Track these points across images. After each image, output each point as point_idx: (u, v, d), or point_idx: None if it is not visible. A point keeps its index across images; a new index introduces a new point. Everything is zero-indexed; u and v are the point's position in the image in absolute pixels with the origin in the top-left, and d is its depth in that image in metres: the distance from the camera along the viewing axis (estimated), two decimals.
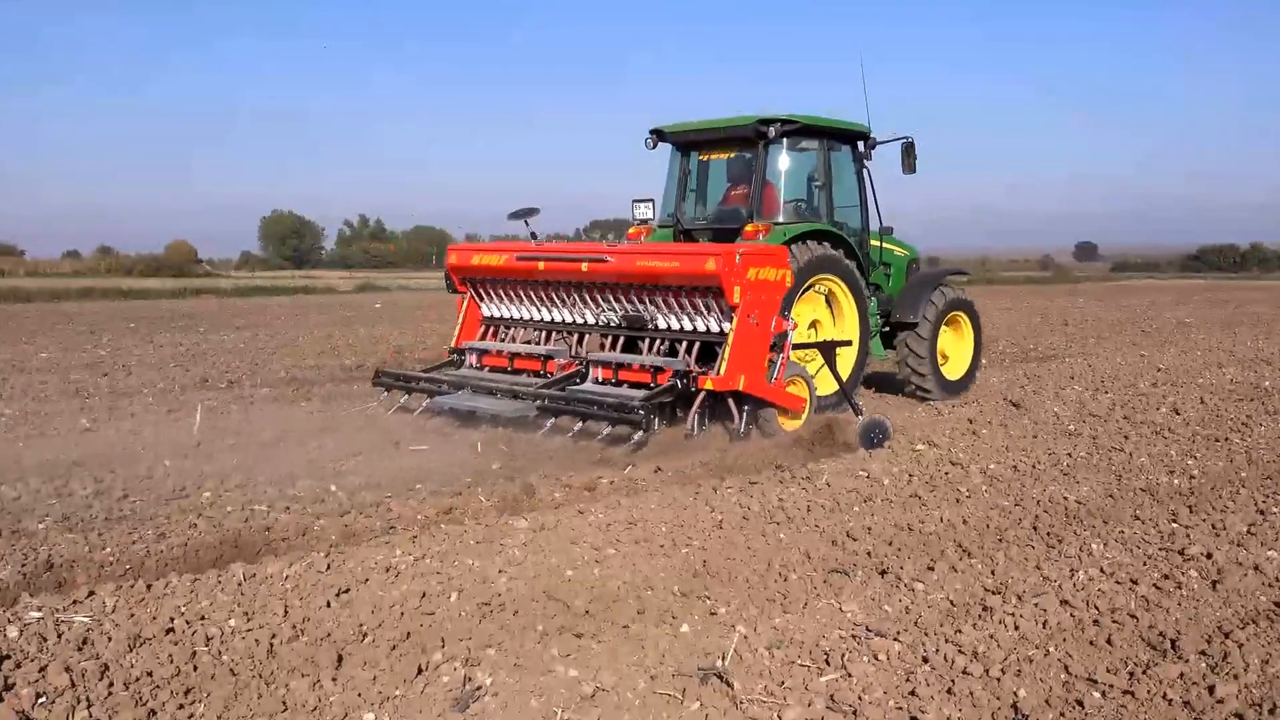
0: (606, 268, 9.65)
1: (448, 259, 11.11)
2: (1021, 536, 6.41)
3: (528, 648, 4.65)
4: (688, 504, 6.97)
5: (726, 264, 8.64)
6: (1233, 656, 4.51)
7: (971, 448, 8.92)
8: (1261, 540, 6.27)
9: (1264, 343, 19.44)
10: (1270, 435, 9.62)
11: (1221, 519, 6.73)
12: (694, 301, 9.27)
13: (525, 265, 10.18)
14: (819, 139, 11.22)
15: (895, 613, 5.11)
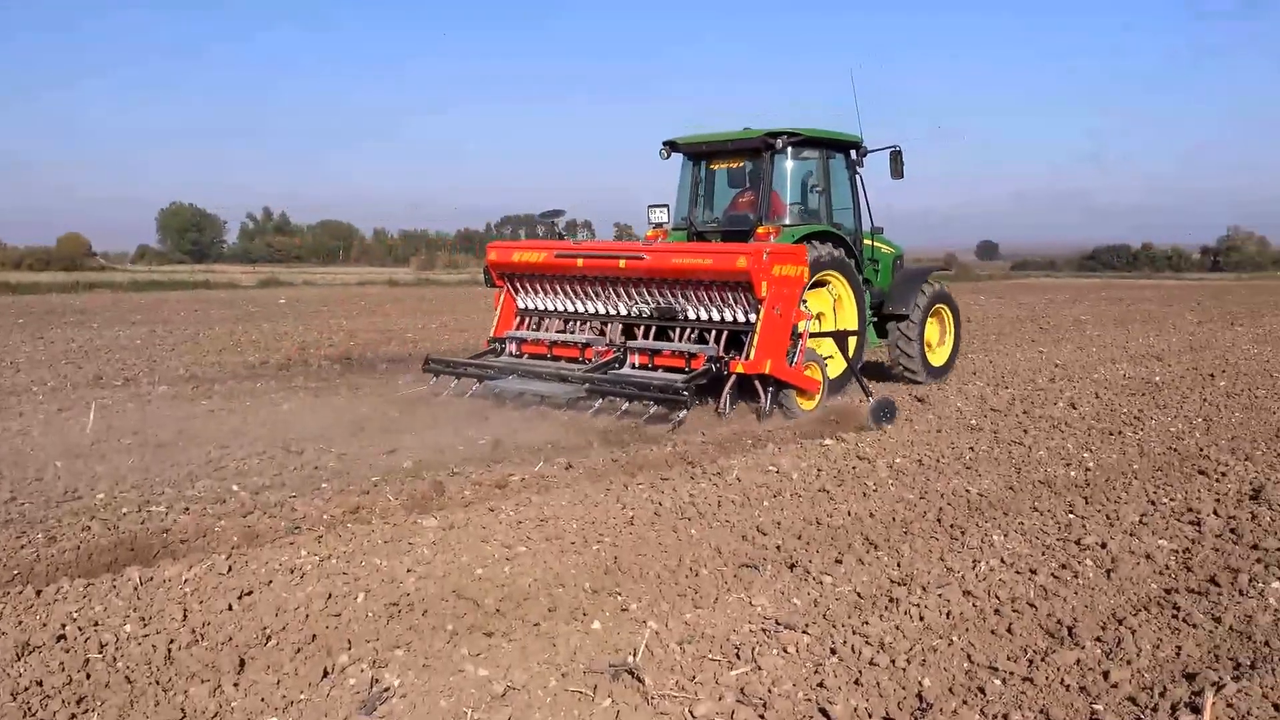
0: (642, 264, 10.58)
1: (487, 256, 11.96)
2: (926, 529, 6.54)
3: (437, 647, 4.63)
4: (599, 501, 6.99)
5: (755, 261, 9.64)
6: (1126, 642, 4.66)
7: (878, 442, 9.07)
8: (1153, 530, 6.48)
9: (1154, 339, 20.08)
10: (1160, 429, 9.94)
11: (1115, 509, 6.94)
12: (723, 295, 10.22)
13: (564, 261, 11.12)
14: (818, 149, 12.23)
15: (804, 606, 5.18)
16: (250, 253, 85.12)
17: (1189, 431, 9.83)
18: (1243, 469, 8.16)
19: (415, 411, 10.50)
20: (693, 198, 12.65)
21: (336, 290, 37.61)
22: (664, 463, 8.20)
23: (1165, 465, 8.41)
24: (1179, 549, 6.12)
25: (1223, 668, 4.43)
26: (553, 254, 11.29)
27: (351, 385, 12.50)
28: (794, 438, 9.25)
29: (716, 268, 10.06)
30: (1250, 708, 3.97)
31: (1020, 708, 4.06)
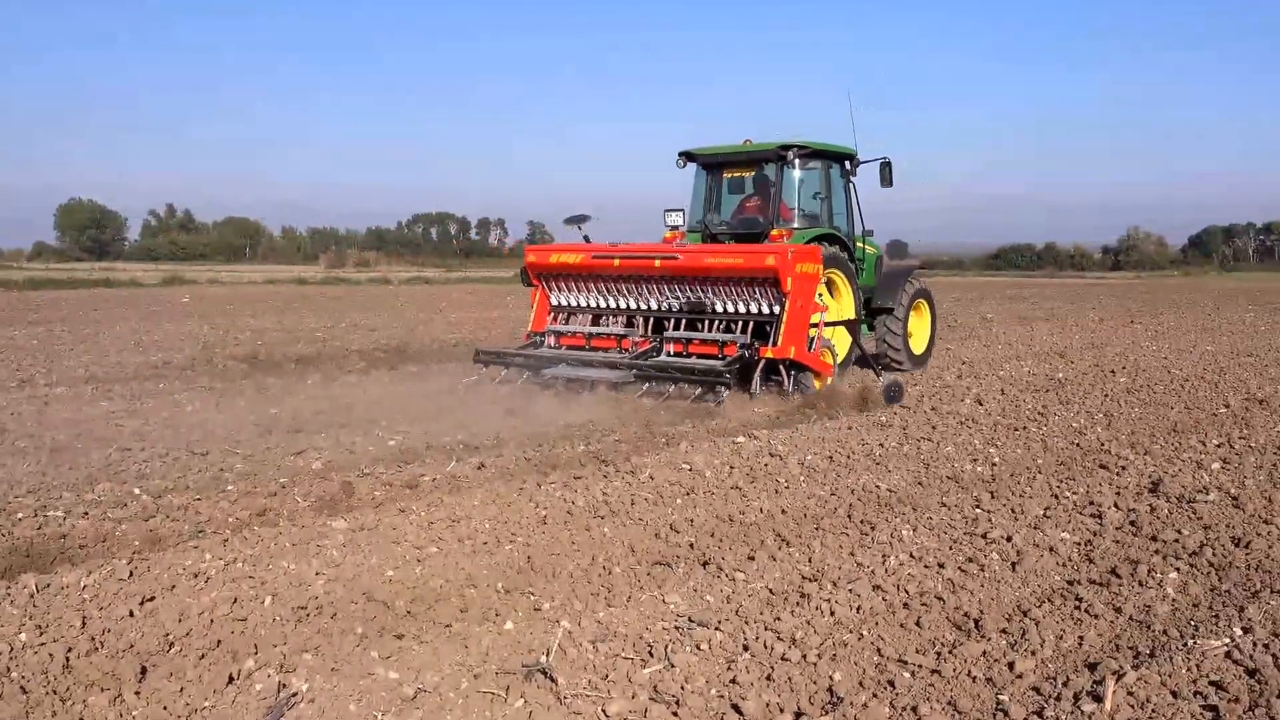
0: (676, 264, 11.70)
1: (526, 258, 13.00)
2: (837, 524, 6.61)
3: (346, 651, 4.57)
4: (511, 500, 6.95)
5: (782, 260, 10.88)
6: (1030, 633, 4.77)
7: (790, 439, 9.15)
8: (1056, 523, 6.63)
9: (1057, 337, 20.58)
10: (1063, 424, 10.17)
11: (1020, 503, 7.08)
12: (750, 290, 11.37)
13: (601, 262, 12.22)
14: (821, 160, 13.54)
15: (717, 602, 5.21)
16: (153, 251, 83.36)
17: (1091, 427, 10.07)
18: (1142, 463, 8.38)
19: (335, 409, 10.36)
20: (706, 203, 13.91)
21: (243, 289, 36.97)
22: (577, 461, 8.19)
23: (1068, 460, 8.61)
24: (1081, 541, 6.27)
25: (1123, 657, 4.54)
26: (590, 256, 12.35)
27: (259, 385, 12.30)
28: (707, 435, 9.30)
29: (747, 266, 11.27)
30: (1149, 695, 4.08)
31: (929, 699, 4.13)
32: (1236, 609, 5.10)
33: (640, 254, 12.09)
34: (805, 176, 13.42)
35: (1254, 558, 5.93)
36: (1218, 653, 4.50)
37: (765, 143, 13.20)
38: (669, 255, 11.85)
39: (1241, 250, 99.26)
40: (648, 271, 11.96)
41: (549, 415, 10.20)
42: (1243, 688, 4.16)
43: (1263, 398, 11.98)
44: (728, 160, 13.72)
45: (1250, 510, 6.95)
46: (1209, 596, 5.35)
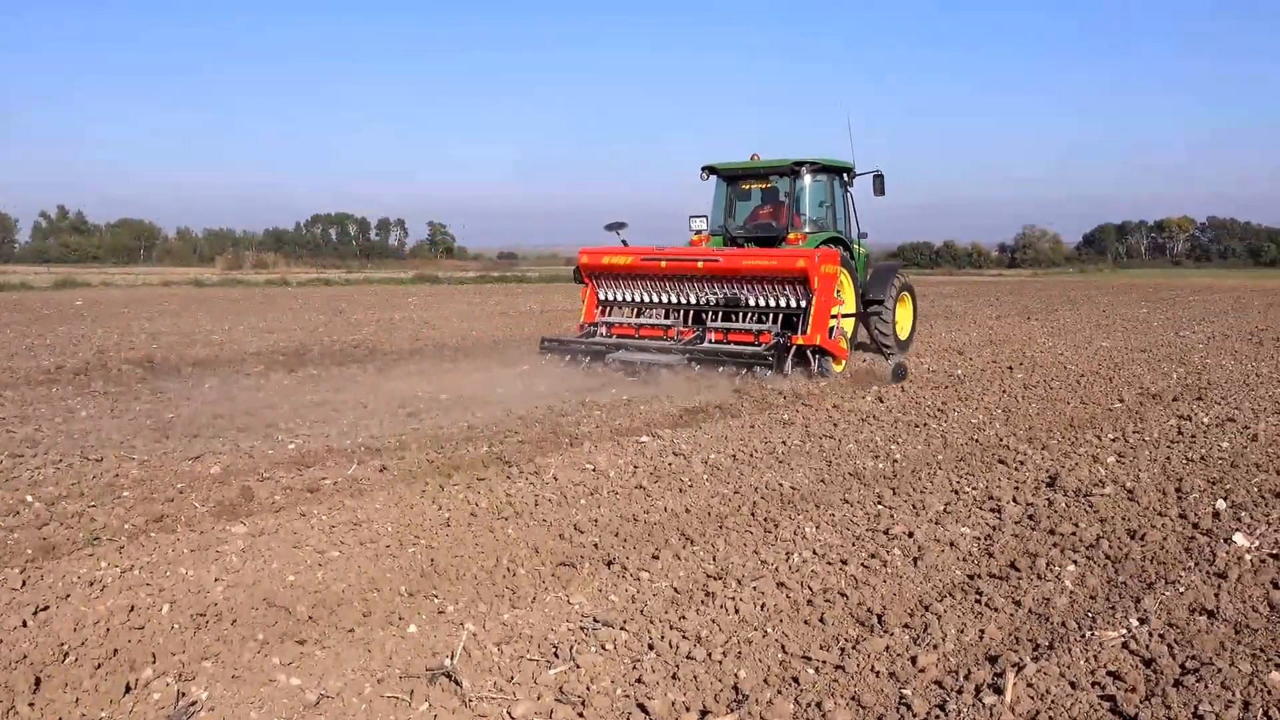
0: (718, 265, 13.56)
1: (580, 259, 14.79)
2: (741, 523, 6.66)
3: (247, 658, 4.48)
4: (414, 502, 6.88)
5: (810, 262, 12.75)
6: (932, 628, 4.85)
7: (693, 438, 9.20)
8: (956, 518, 6.75)
9: (956, 334, 20.97)
10: (962, 420, 10.37)
11: (921, 499, 7.20)
12: (780, 287, 13.15)
13: (649, 264, 14.06)
14: (826, 173, 15.48)
15: (622, 602, 5.21)
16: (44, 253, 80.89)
17: (989, 422, 10.28)
18: (1040, 457, 8.58)
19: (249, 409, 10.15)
20: (727, 210, 15.89)
21: (138, 291, 36.03)
22: (480, 463, 8.13)
23: (967, 455, 8.78)
24: (981, 536, 6.40)
25: (1023, 649, 4.64)
26: (639, 258, 14.19)
27: (154, 390, 12.01)
28: (611, 435, 9.30)
29: (781, 267, 13.08)
30: (1049, 686, 4.17)
31: (833, 695, 4.17)
32: (1133, 600, 5.24)
33: (685, 257, 14.03)
34: (814, 188, 15.44)
35: (1149, 550, 6.10)
36: (1115, 643, 4.62)
37: (779, 159, 15.28)
38: (711, 258, 13.72)
39: (1134, 247, 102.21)
40: (690, 271, 13.82)
41: (450, 417, 10.12)
42: (1139, 677, 4.28)
43: (1156, 392, 12.34)
44: (746, 174, 15.75)
45: (1145, 503, 7.15)
46: (1106, 588, 5.50)
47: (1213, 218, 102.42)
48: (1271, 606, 5.18)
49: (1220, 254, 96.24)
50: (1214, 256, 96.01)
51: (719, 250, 14.34)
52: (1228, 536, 6.30)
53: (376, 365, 14.85)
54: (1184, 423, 10.19)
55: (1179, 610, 5.08)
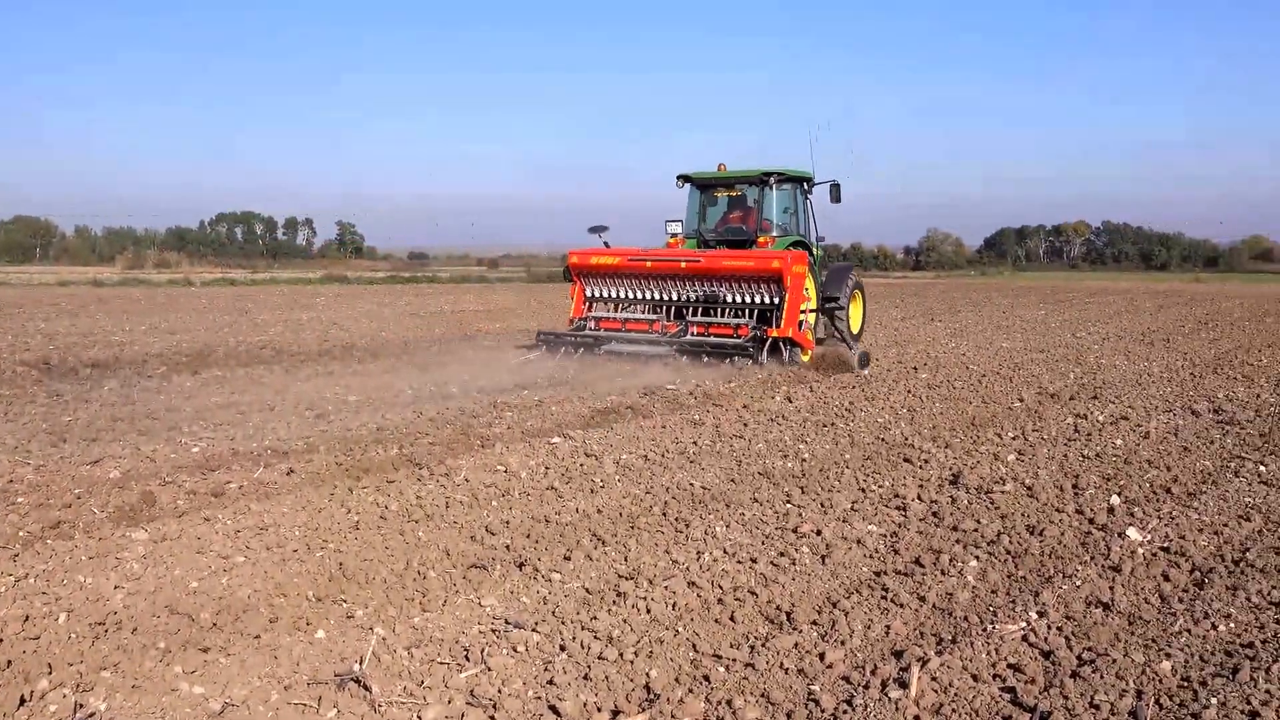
0: (699, 265, 14.90)
1: (570, 259, 16.05)
2: (652, 523, 6.67)
3: (148, 667, 4.38)
4: (322, 506, 6.78)
5: (783, 262, 14.21)
6: (840, 624, 4.91)
7: (605, 439, 9.20)
8: (863, 516, 6.85)
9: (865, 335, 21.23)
10: (869, 420, 10.52)
11: (829, 498, 7.29)
12: (756, 285, 14.52)
13: (635, 264, 15.33)
14: (791, 182, 16.82)
15: (533, 604, 5.19)
16: None
17: (895, 422, 10.45)
18: (943, 456, 8.74)
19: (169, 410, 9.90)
20: (700, 216, 17.09)
21: (34, 291, 35.01)
22: (390, 465, 8.04)
23: (874, 454, 8.90)
24: (887, 533, 6.50)
25: (927, 643, 4.72)
26: (626, 259, 15.43)
27: (51, 392, 11.67)
28: (522, 436, 9.26)
29: (757, 267, 14.48)
30: (952, 680, 4.25)
31: (743, 693, 4.21)
32: (1032, 594, 5.37)
33: (669, 257, 15.33)
34: (779, 196, 16.69)
35: (1047, 545, 6.25)
36: (1015, 636, 4.73)
37: (748, 170, 16.61)
38: (693, 259, 15.06)
39: (1033, 251, 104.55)
40: (674, 271, 15.08)
41: (359, 419, 10.00)
42: (1038, 669, 4.39)
43: (1054, 392, 12.65)
44: (718, 182, 17.09)
45: (1044, 499, 7.32)
46: (1006, 583, 5.62)
47: (1107, 222, 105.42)
48: (1162, 598, 5.35)
49: (1114, 257, 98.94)
50: (1108, 260, 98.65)
51: (700, 252, 15.66)
52: (1121, 531, 6.49)
53: (283, 366, 14.63)
54: (1080, 421, 10.46)
55: (1076, 603, 5.21)
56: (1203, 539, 6.38)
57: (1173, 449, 9.15)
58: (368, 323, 23.40)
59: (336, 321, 23.41)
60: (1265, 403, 11.87)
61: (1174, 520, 6.77)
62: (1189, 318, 27.83)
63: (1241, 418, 10.75)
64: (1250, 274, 79.35)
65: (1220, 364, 15.98)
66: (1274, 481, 7.90)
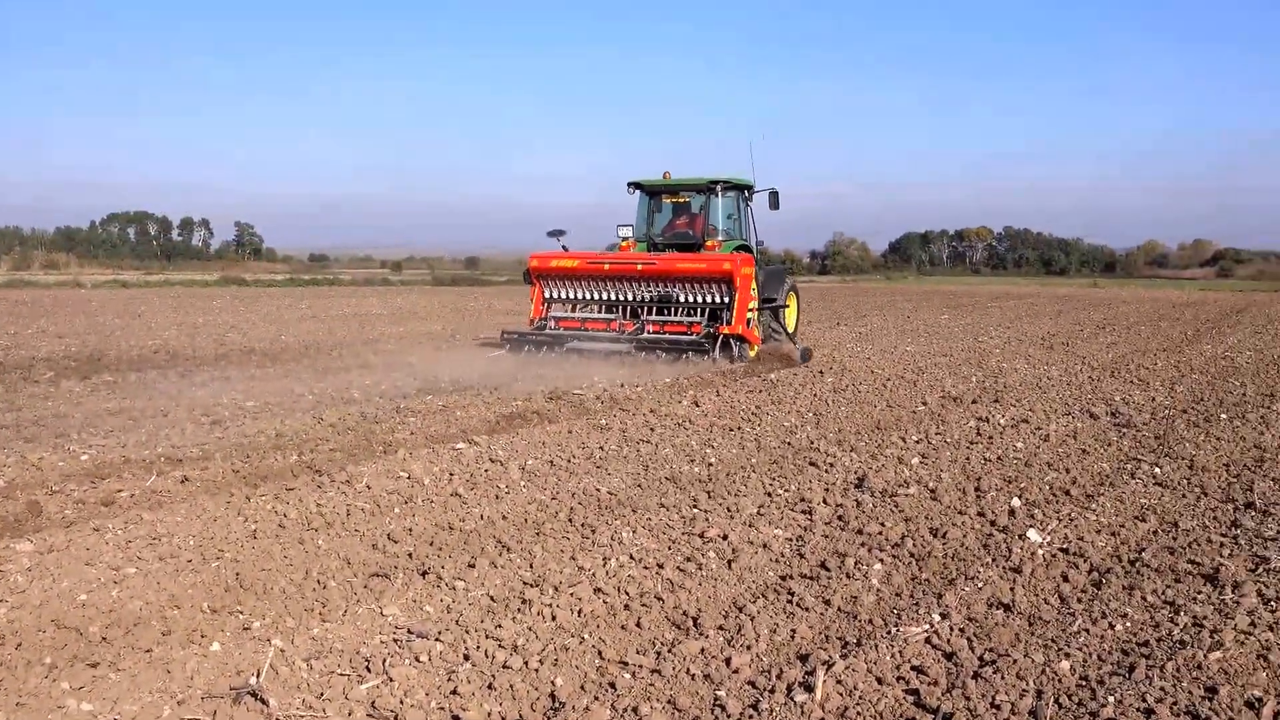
0: (654, 268, 15.95)
1: (530, 263, 16.88)
2: (558, 529, 6.66)
3: (33, 684, 4.25)
4: (218, 515, 6.65)
5: (734, 265, 15.43)
6: (746, 629, 4.95)
7: (510, 445, 9.16)
8: (769, 520, 6.91)
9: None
10: (775, 423, 10.62)
11: (736, 502, 7.34)
12: (707, 286, 15.76)
13: (593, 266, 16.37)
14: (734, 190, 18.11)
15: (437, 613, 5.15)
16: None
17: (801, 425, 10.56)
18: (849, 459, 8.86)
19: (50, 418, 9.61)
20: (649, 221, 18.37)
21: None
22: (289, 472, 7.91)
23: (780, 458, 8.99)
24: (793, 537, 6.56)
25: (832, 647, 4.78)
26: (585, 261, 16.50)
27: None
28: (426, 442, 9.18)
29: (709, 269, 15.64)
30: (857, 683, 4.31)
31: (649, 699, 4.22)
32: (935, 596, 5.46)
33: (626, 261, 16.28)
34: (724, 202, 17.99)
35: (950, 547, 6.37)
36: (919, 639, 4.81)
37: (695, 177, 17.90)
38: (649, 262, 16.06)
39: (937, 255, 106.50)
40: (630, 273, 16.09)
41: (257, 425, 9.83)
42: (941, 671, 4.47)
43: (957, 395, 12.89)
44: (666, 189, 18.25)
45: (946, 502, 7.46)
46: (910, 585, 5.72)
47: (1008, 228, 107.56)
48: (1061, 599, 5.48)
49: (1015, 262, 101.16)
50: (1009, 265, 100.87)
51: (655, 255, 16.86)
52: (1022, 533, 6.63)
53: (178, 371, 14.33)
54: (982, 424, 10.68)
55: (978, 605, 5.32)
56: (1100, 540, 6.56)
57: (1072, 451, 9.39)
58: (266, 326, 23.01)
59: (234, 325, 22.99)
60: (1160, 405, 12.24)
61: (1073, 522, 6.94)
62: (1087, 322, 28.58)
63: (1137, 420, 11.07)
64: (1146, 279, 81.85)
65: (1117, 368, 16.45)
66: (1168, 483, 8.15)
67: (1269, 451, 9.46)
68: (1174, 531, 6.80)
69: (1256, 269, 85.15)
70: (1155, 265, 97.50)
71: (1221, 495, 7.79)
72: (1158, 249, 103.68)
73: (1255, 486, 8.01)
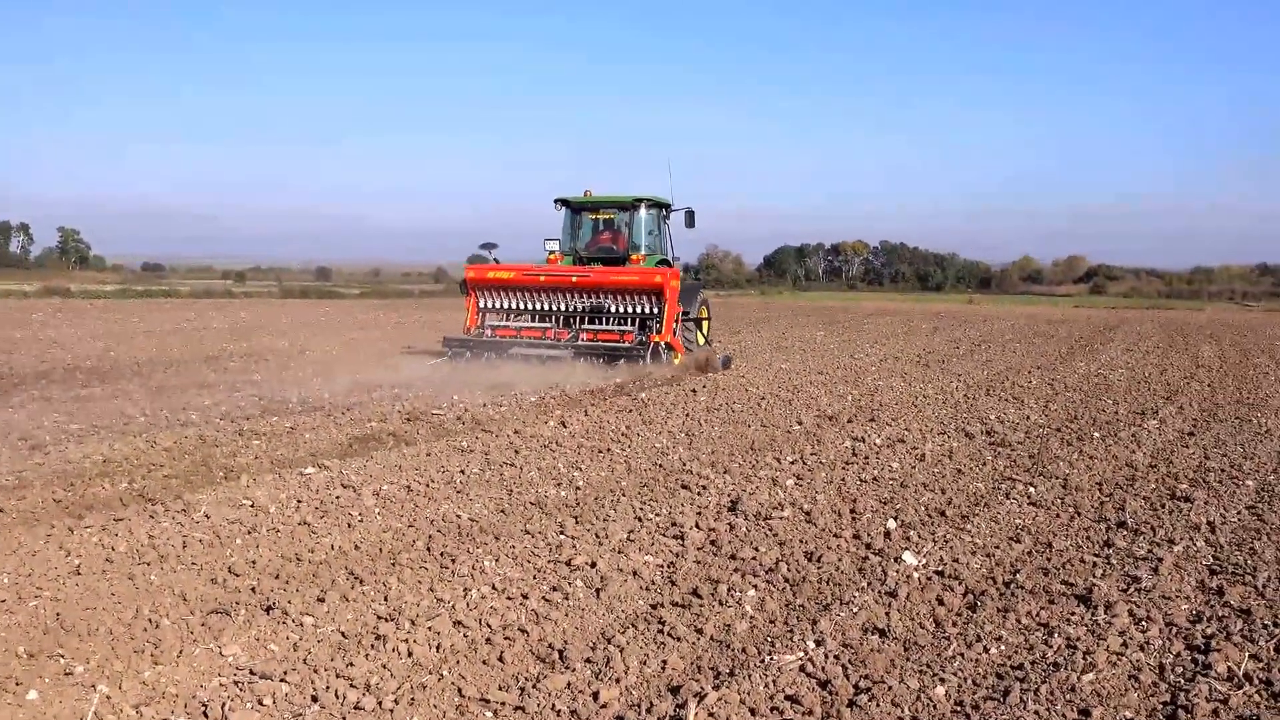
0: (589, 280, 17.94)
1: (466, 274, 18.91)
2: (415, 559, 6.56)
3: None
4: (37, 549, 6.38)
5: (664, 278, 17.52)
6: (615, 660, 4.94)
7: (364, 469, 9.01)
8: (640, 546, 6.92)
9: None
10: (646, 445, 10.66)
11: (604, 528, 7.34)
12: (638, 297, 17.73)
13: (529, 278, 18.28)
14: (655, 208, 20.26)
15: (282, 651, 5.02)
16: None
17: (673, 446, 10.62)
18: (722, 481, 8.93)
19: None
20: (574, 236, 20.32)
21: None
22: (118, 501, 7.65)
23: (651, 481, 9.02)
24: (664, 563, 6.58)
25: (704, 678, 4.80)
26: (520, 273, 18.39)
27: None
28: (271, 467, 8.97)
29: (642, 282, 17.73)
30: (729, 714, 4.33)
31: None
32: (810, 623, 5.53)
33: (561, 273, 18.33)
34: (646, 219, 20.05)
35: (825, 571, 6.46)
36: (793, 667, 4.86)
37: (621, 195, 20.06)
38: (583, 274, 18.08)
39: (813, 270, 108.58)
40: (564, 285, 18.05)
41: (82, 450, 9.48)
42: (815, 700, 4.52)
43: (832, 414, 13.12)
44: (591, 206, 20.33)
45: (822, 525, 7.57)
46: (785, 612, 5.78)
47: (884, 242, 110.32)
48: (937, 623, 5.61)
49: (891, 278, 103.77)
50: (885, 280, 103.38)
51: (589, 268, 18.67)
52: (898, 555, 6.77)
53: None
54: (858, 444, 10.88)
55: (853, 630, 5.40)
56: (975, 561, 6.73)
57: (947, 471, 9.63)
58: (94, 341, 22.24)
59: (57, 340, 22.16)
60: (1035, 424, 12.64)
61: (948, 544, 7.11)
62: (963, 339, 29.43)
63: (1012, 439, 11.42)
64: (1020, 295, 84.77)
65: (992, 385, 16.95)
66: (1043, 503, 8.41)
67: (1140, 470, 9.86)
68: (1048, 552, 7.03)
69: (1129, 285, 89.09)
70: (1030, 281, 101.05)
71: (1094, 514, 8.09)
72: (1032, 265, 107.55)
73: (1127, 505, 8.34)
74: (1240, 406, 14.82)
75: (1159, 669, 4.98)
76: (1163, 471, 9.82)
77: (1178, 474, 9.71)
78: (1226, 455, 10.74)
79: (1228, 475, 9.65)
